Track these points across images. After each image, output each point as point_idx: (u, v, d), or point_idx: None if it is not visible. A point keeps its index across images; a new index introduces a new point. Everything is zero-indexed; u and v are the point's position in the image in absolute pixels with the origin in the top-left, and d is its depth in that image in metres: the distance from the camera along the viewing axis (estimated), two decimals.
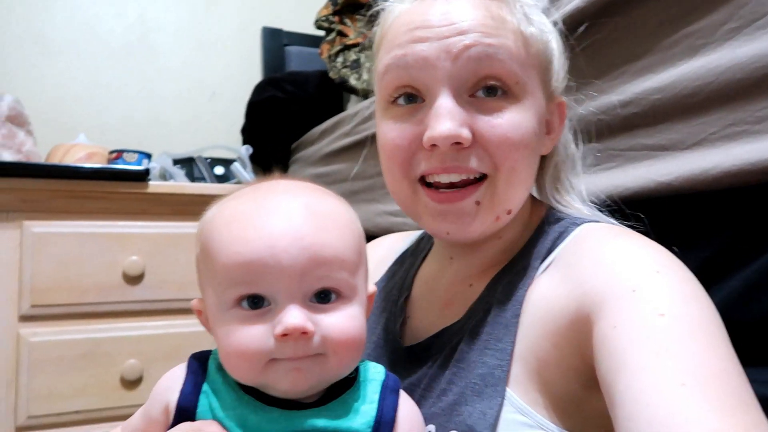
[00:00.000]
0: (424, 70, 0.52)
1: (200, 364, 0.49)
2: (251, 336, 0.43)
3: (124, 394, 1.45)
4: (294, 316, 0.42)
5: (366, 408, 0.46)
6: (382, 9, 0.60)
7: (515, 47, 0.52)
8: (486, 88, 0.52)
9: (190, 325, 1.53)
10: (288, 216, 0.44)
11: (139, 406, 1.64)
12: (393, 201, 1.26)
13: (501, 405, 0.48)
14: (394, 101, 0.56)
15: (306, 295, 0.43)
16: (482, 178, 0.53)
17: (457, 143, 0.51)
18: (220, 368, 0.48)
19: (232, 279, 0.43)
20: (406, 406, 0.49)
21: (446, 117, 0.51)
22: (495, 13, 0.53)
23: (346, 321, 0.44)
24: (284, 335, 0.41)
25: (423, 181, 0.55)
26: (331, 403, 0.46)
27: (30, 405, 1.36)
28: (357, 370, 0.49)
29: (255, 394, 0.45)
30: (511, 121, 0.52)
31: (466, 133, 0.51)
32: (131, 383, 1.46)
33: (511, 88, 0.52)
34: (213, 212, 0.48)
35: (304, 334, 0.42)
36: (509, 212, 0.55)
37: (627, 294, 0.44)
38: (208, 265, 0.46)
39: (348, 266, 0.45)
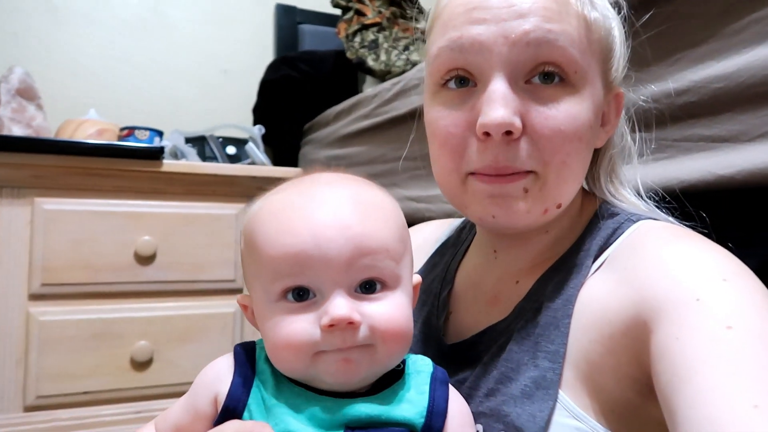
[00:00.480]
0: (479, 54, 0.49)
1: (247, 355, 0.47)
2: (298, 327, 0.42)
3: (134, 375, 1.43)
4: (340, 306, 0.41)
5: (418, 398, 0.45)
6: None
7: (577, 33, 0.49)
8: (543, 75, 0.49)
9: (201, 307, 1.51)
10: (332, 206, 0.44)
11: (148, 387, 1.63)
12: (416, 186, 1.24)
13: (552, 408, 0.46)
14: (445, 84, 0.53)
15: (351, 285, 0.43)
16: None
17: (509, 132, 0.48)
18: (268, 360, 0.47)
19: (277, 271, 0.43)
20: (457, 399, 0.48)
21: (500, 103, 0.48)
22: None
23: (393, 310, 0.44)
24: (331, 326, 0.41)
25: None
26: (382, 393, 0.45)
27: (39, 384, 1.34)
28: (404, 362, 0.48)
29: (305, 385, 0.44)
30: (566, 112, 0.49)
31: (518, 122, 0.48)
32: (141, 365, 1.44)
33: (569, 76, 0.49)
34: (258, 205, 0.47)
35: (351, 324, 0.41)
36: (559, 206, 0.52)
37: (691, 303, 0.41)
38: (254, 258, 0.45)
39: (393, 255, 0.45)
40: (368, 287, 0.44)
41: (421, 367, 0.48)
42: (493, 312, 0.57)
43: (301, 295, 0.43)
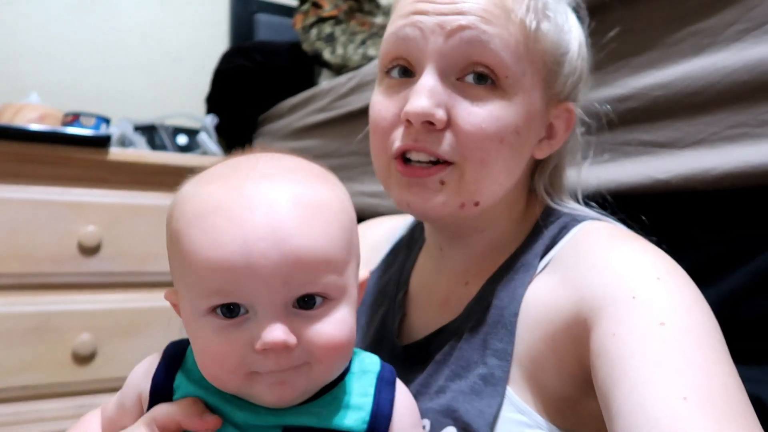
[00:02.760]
0: (417, 42, 0.52)
1: (176, 351, 0.46)
2: (229, 348, 0.39)
3: (76, 369, 1.39)
4: (274, 330, 0.38)
5: (361, 401, 0.44)
6: None
7: (514, 40, 0.51)
8: (475, 75, 0.51)
9: (147, 299, 1.47)
10: (267, 211, 0.38)
11: (91, 381, 1.58)
12: (369, 181, 1.25)
13: (500, 404, 0.48)
14: (388, 72, 0.55)
15: (288, 301, 0.39)
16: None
17: (431, 123, 0.50)
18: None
19: (205, 286, 0.39)
20: (404, 397, 0.47)
21: (424, 94, 0.50)
22: (501, 1, 0.51)
23: (332, 328, 0.40)
24: (265, 350, 0.38)
25: (401, 157, 0.54)
26: (322, 398, 0.43)
27: None
28: (350, 360, 0.46)
29: None
30: (490, 112, 0.50)
31: (440, 114, 0.50)
32: (84, 359, 1.39)
33: (500, 80, 0.51)
34: (185, 195, 0.42)
35: (286, 347, 0.38)
36: (477, 204, 0.53)
37: (627, 300, 0.43)
38: (180, 262, 0.41)
39: (336, 267, 0.41)
40: (306, 301, 0.40)
41: (367, 366, 0.47)
42: (445, 313, 0.58)
43: (231, 310, 0.39)
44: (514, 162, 0.53)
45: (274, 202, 0.39)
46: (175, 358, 0.46)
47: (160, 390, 0.44)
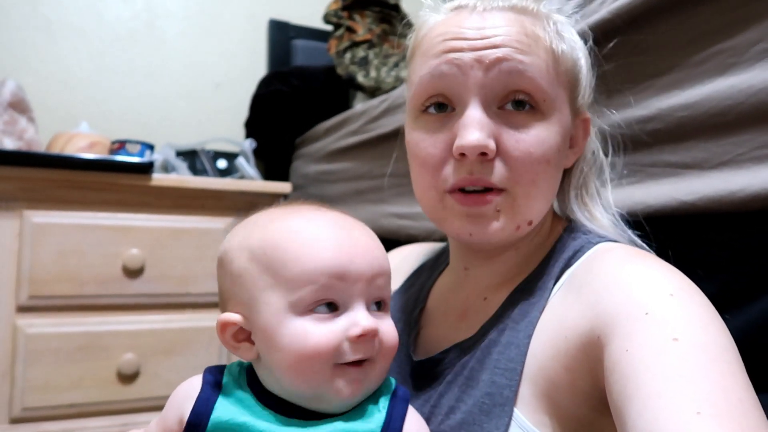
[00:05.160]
0: (456, 78, 0.53)
1: (214, 377, 0.49)
2: (329, 335, 0.45)
3: (120, 388, 1.44)
4: (369, 318, 0.46)
5: (376, 415, 0.47)
6: (416, 17, 0.60)
7: (546, 65, 0.54)
8: (515, 102, 0.53)
9: (188, 320, 1.51)
10: (352, 229, 0.49)
11: (135, 400, 1.63)
12: (400, 202, 1.26)
13: (508, 425, 0.48)
14: (426, 110, 0.56)
15: (369, 301, 0.48)
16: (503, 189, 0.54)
17: (483, 154, 0.52)
18: (237, 382, 0.49)
19: (313, 283, 0.46)
20: (415, 418, 0.50)
21: (475, 127, 0.52)
22: (529, 29, 0.54)
23: (393, 329, 0.49)
24: (361, 336, 0.45)
25: (458, 190, 0.55)
26: (348, 413, 0.47)
27: (25, 396, 1.34)
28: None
29: (274, 407, 0.47)
30: (536, 137, 0.53)
31: (492, 145, 0.52)
32: (128, 377, 1.44)
33: (539, 104, 0.53)
34: (270, 228, 0.50)
35: (374, 336, 0.46)
36: (530, 223, 0.55)
37: (640, 317, 0.43)
38: (275, 271, 0.47)
39: (390, 279, 0.51)
40: (377, 305, 0.49)
41: (384, 385, 0.51)
42: (461, 327, 0.59)
43: (330, 307, 0.47)
44: (556, 179, 0.57)
45: (352, 224, 0.50)
46: (215, 384, 0.49)
47: (200, 415, 0.46)
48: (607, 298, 0.46)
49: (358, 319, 0.46)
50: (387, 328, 0.48)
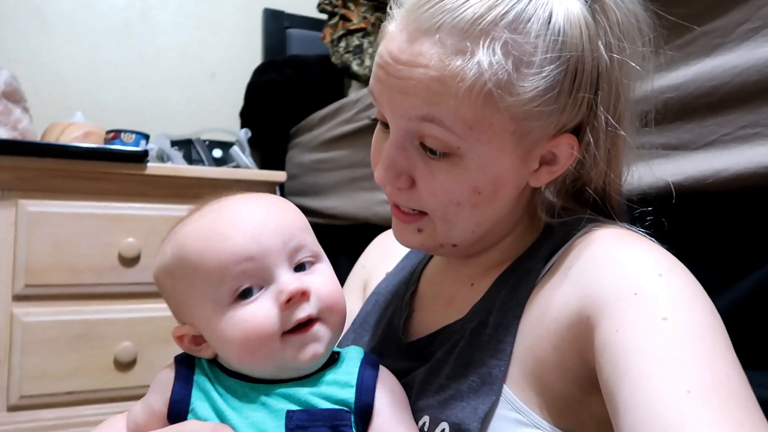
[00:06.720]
0: (381, 105, 0.52)
1: (186, 362, 0.52)
2: (260, 314, 0.47)
3: (118, 375, 1.45)
4: (290, 281, 0.47)
5: (347, 378, 0.50)
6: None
7: (463, 112, 0.47)
8: (428, 147, 0.51)
9: None
10: (253, 211, 0.51)
11: (132, 388, 1.63)
12: None
13: (495, 402, 0.48)
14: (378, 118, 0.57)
15: (290, 266, 0.49)
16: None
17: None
18: (205, 364, 0.51)
19: (227, 275, 0.47)
20: (388, 378, 0.52)
21: (384, 163, 0.52)
22: (452, 68, 0.46)
23: (328, 280, 0.51)
24: (288, 300, 0.46)
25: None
26: (315, 375, 0.50)
27: (22, 384, 1.35)
28: (339, 353, 0.53)
29: (241, 376, 0.49)
30: (442, 184, 0.51)
31: (399, 183, 0.53)
32: (125, 365, 1.45)
33: (452, 150, 0.50)
34: (177, 238, 0.51)
35: (304, 294, 0.47)
36: (455, 245, 0.56)
37: (629, 297, 0.43)
38: (193, 276, 0.49)
39: (311, 232, 0.53)
40: (302, 266, 0.50)
41: (353, 354, 0.53)
42: (450, 312, 0.59)
43: (250, 292, 0.48)
44: (483, 213, 0.53)
45: (254, 206, 0.51)
46: (189, 368, 0.51)
47: (179, 397, 0.49)
48: (596, 279, 0.47)
49: (282, 286, 0.47)
50: (321, 281, 0.50)
